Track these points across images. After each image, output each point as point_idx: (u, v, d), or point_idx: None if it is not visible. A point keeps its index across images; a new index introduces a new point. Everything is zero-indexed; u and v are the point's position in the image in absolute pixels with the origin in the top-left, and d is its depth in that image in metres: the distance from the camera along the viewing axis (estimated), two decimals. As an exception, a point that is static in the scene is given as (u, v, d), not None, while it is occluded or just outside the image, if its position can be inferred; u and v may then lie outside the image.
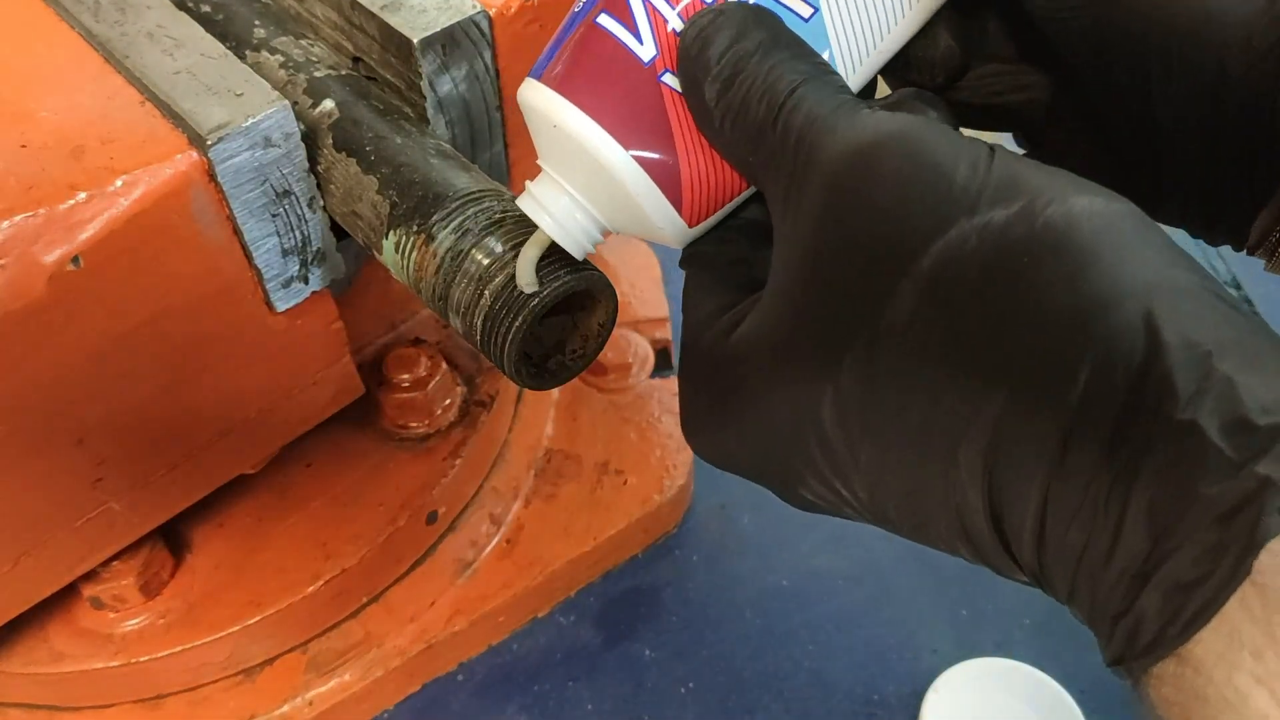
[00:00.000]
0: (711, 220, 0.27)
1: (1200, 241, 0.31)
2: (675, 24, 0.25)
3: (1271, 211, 0.28)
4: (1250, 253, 0.29)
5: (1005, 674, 0.47)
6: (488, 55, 0.34)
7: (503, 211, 0.29)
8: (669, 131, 0.25)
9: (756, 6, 0.25)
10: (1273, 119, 0.27)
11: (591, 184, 0.26)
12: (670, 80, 0.25)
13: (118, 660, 0.41)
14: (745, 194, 0.27)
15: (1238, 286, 0.64)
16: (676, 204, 0.26)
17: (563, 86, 0.25)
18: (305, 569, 0.43)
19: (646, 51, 0.25)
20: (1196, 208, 0.30)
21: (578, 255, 0.27)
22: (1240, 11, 0.27)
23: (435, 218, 0.29)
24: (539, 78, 0.26)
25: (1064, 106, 0.30)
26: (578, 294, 0.28)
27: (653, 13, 0.25)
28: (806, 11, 0.26)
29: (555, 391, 0.54)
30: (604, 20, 0.25)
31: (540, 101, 0.26)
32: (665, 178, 0.25)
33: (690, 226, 0.26)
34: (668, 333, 0.59)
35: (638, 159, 0.25)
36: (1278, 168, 0.27)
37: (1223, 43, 0.27)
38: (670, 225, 0.26)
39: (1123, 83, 0.29)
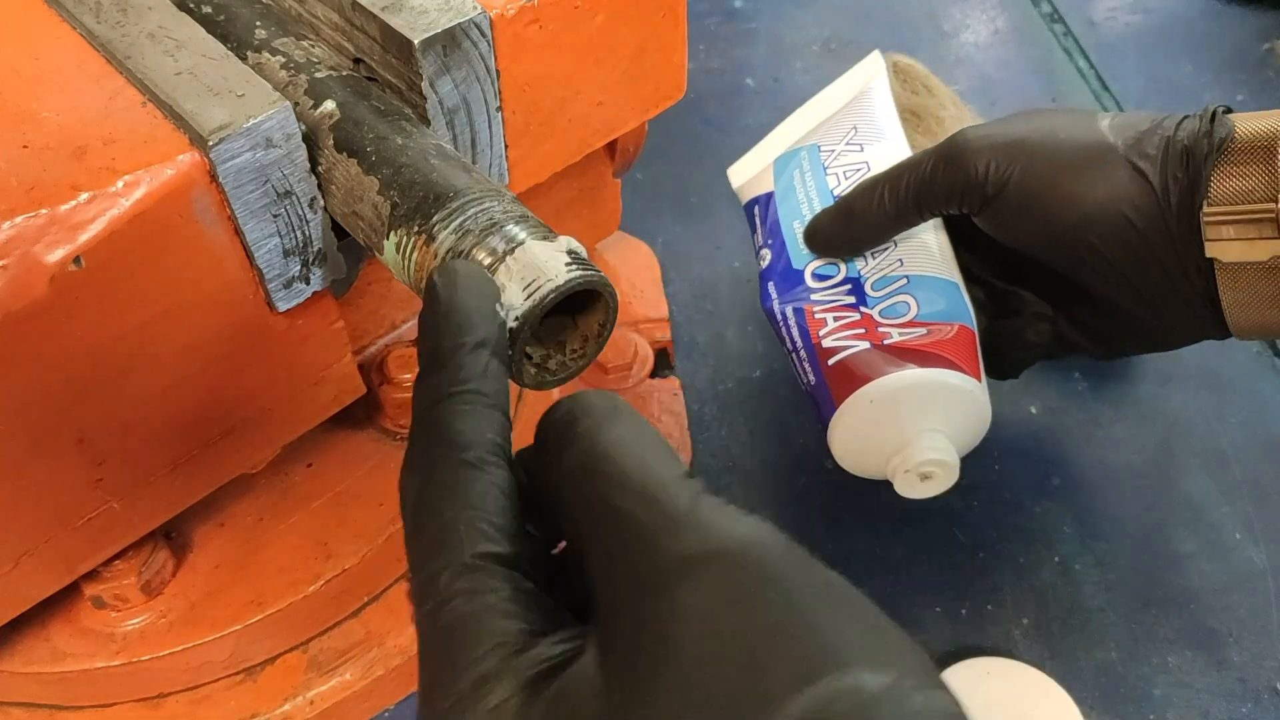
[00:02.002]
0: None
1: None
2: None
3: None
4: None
5: (1005, 674, 0.47)
6: (489, 57, 0.34)
7: (503, 212, 0.29)
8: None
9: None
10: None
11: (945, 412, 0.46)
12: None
13: (119, 659, 0.41)
14: None
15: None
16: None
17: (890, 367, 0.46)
18: (306, 568, 0.43)
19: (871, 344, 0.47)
20: (1142, 343, 0.49)
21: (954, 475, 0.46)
22: (1099, 205, 0.44)
23: (436, 218, 0.29)
24: (864, 386, 0.46)
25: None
26: (578, 294, 0.28)
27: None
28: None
29: (555, 391, 0.54)
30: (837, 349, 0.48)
31: (891, 385, 0.45)
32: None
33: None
34: (668, 333, 0.59)
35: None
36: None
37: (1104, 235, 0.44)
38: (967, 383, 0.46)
39: (1070, 270, 0.46)
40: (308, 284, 0.35)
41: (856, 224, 0.48)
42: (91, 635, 0.41)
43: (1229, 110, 0.44)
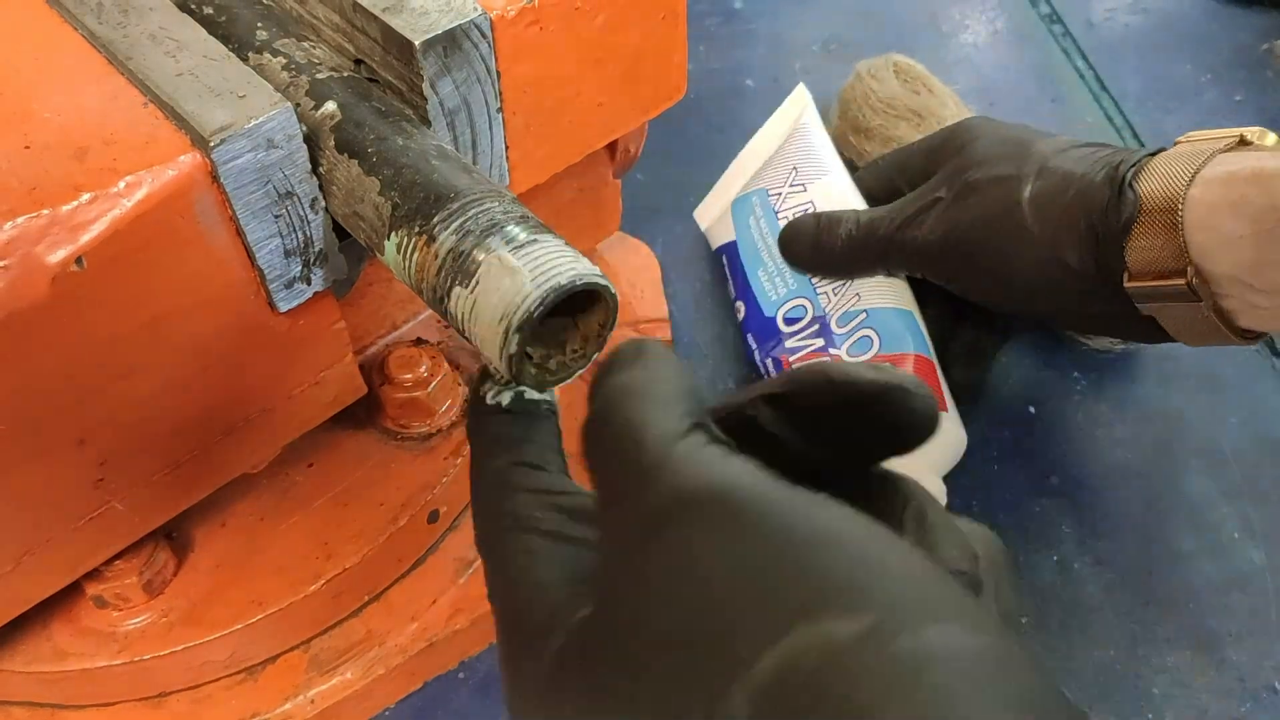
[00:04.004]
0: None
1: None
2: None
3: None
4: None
5: None
6: (489, 58, 0.34)
7: (504, 212, 0.29)
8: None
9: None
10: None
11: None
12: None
13: (121, 659, 0.41)
14: None
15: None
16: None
17: None
18: (307, 568, 0.43)
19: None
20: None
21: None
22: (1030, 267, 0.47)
23: (437, 219, 0.29)
24: None
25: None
26: (578, 294, 0.28)
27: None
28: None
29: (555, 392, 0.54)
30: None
31: None
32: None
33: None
34: (668, 333, 0.59)
35: None
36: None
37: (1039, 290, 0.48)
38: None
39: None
40: (309, 284, 0.35)
41: (822, 259, 0.54)
42: (93, 635, 0.42)
43: (1155, 153, 0.45)
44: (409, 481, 0.46)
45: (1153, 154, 0.45)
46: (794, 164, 0.59)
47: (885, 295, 0.53)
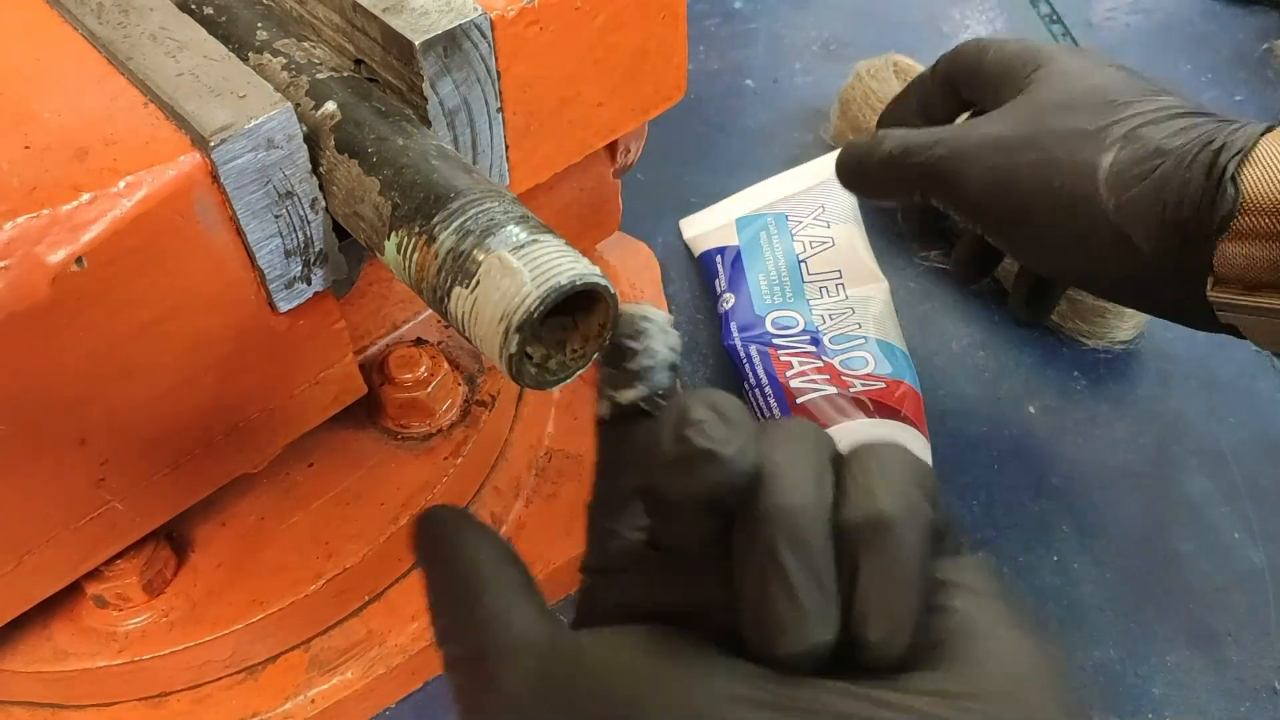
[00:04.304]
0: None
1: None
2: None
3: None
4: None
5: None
6: (489, 58, 0.34)
7: (504, 212, 0.29)
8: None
9: None
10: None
11: None
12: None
13: (121, 659, 0.41)
14: None
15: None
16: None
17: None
18: (307, 568, 0.43)
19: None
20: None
21: None
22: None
23: (436, 219, 0.29)
24: (836, 427, 0.51)
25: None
26: (578, 294, 0.28)
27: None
28: None
29: (555, 391, 0.54)
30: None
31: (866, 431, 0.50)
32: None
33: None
34: (668, 332, 0.59)
35: None
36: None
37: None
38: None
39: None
40: (309, 284, 0.35)
41: (861, 175, 0.50)
42: (93, 634, 0.42)
43: (1267, 129, 0.38)
44: (409, 481, 0.46)
45: (1263, 132, 0.38)
46: (822, 203, 0.63)
47: (883, 329, 0.56)
